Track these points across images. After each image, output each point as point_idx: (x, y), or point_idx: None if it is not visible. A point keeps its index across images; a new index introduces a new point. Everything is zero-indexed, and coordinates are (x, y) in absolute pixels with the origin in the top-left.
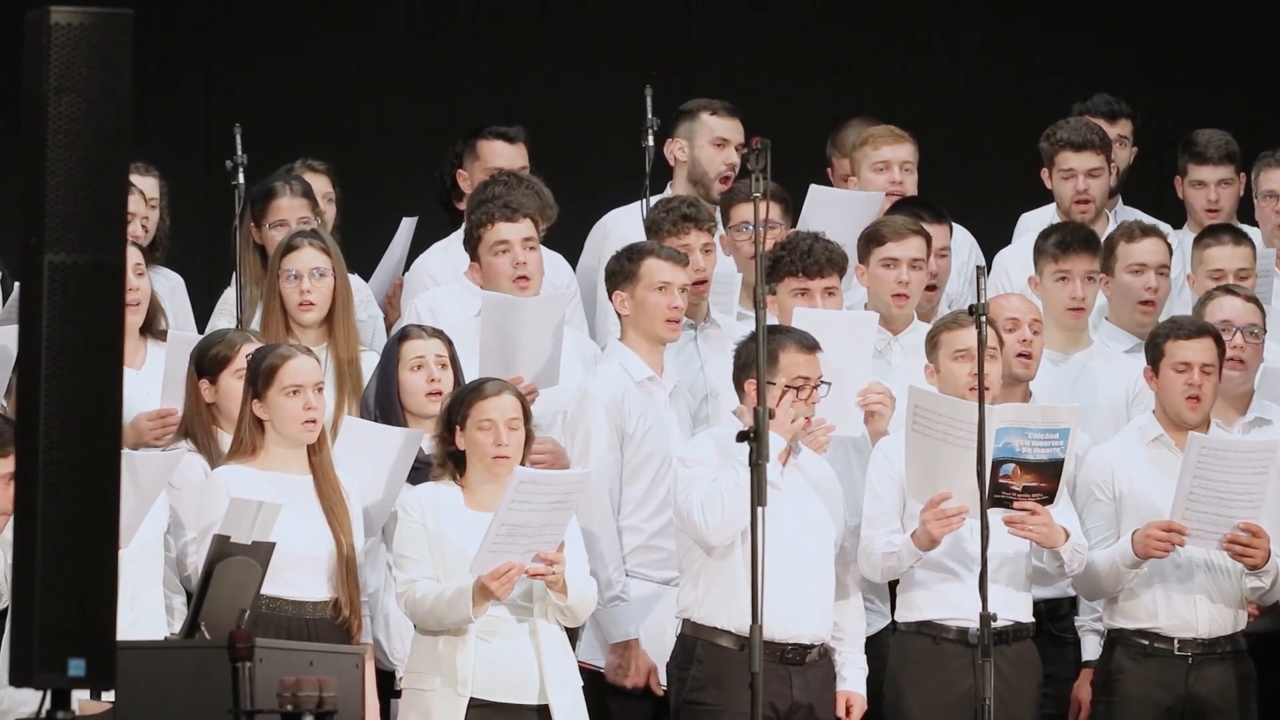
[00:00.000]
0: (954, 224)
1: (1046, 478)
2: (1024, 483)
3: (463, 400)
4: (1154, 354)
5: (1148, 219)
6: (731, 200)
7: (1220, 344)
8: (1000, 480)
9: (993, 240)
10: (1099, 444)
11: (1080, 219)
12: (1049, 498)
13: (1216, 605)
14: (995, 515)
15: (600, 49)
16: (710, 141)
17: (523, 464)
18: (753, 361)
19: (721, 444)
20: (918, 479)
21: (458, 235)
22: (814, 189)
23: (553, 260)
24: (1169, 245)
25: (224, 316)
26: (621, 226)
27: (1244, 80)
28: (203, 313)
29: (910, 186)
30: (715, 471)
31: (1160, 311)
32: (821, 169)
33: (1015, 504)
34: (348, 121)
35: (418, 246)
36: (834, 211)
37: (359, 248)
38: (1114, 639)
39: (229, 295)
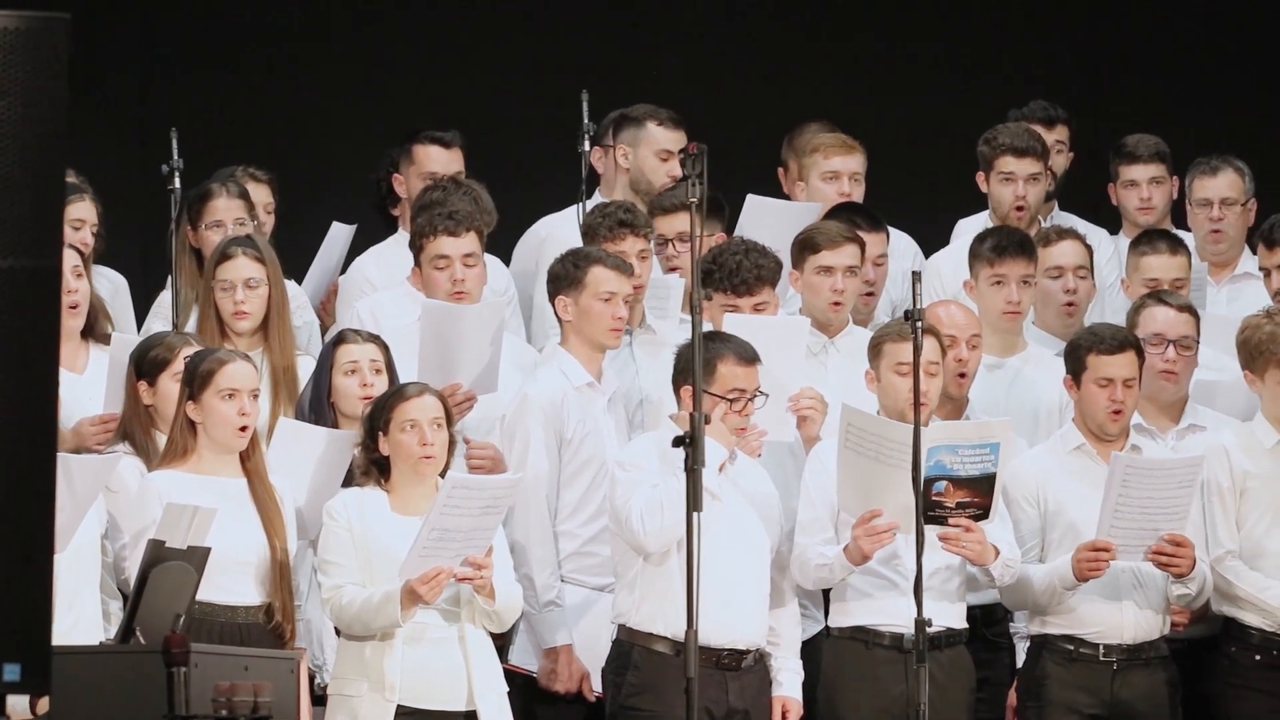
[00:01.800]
0: (896, 229)
1: (979, 493)
2: (957, 499)
3: (384, 405)
4: (1075, 365)
5: (1067, 223)
6: (658, 210)
7: (1141, 355)
8: (933, 498)
9: (932, 245)
10: (1030, 449)
11: (1017, 222)
12: (983, 512)
13: (1142, 611)
14: (930, 531)
15: (536, 53)
16: (655, 153)
17: (448, 466)
18: (689, 367)
19: (660, 449)
20: (850, 495)
21: (394, 239)
22: (751, 199)
23: (491, 265)
24: (1087, 247)
25: (159, 319)
26: (557, 232)
27: (1181, 88)
28: (140, 315)
29: (858, 198)
30: (654, 476)
31: (1083, 313)
32: (760, 175)
33: (950, 521)
34: (283, 126)
35: (355, 250)
36: (771, 222)
37: (294, 252)
38: (1040, 644)
39: (164, 298)
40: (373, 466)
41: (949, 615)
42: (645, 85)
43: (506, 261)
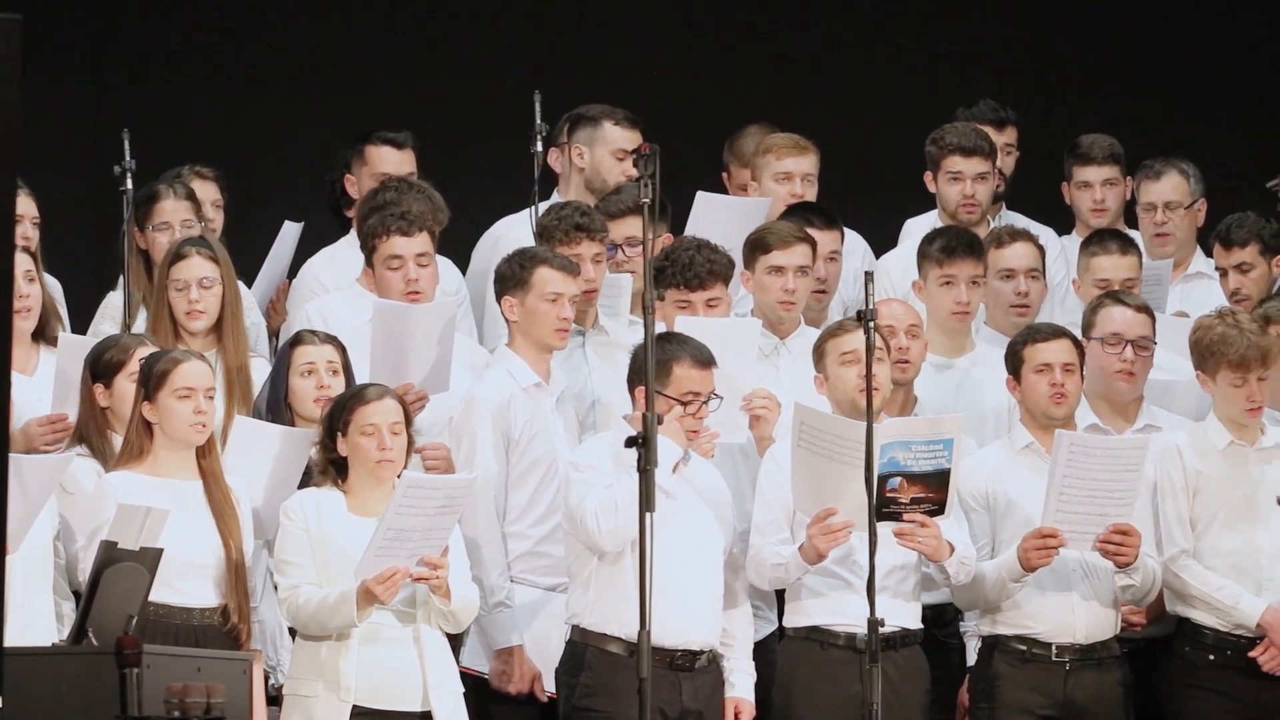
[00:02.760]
0: (848, 230)
1: (934, 488)
2: (912, 495)
3: (344, 406)
4: (1014, 362)
5: (1019, 224)
6: (609, 213)
7: (1078, 345)
8: (887, 494)
9: (882, 246)
10: (980, 450)
11: (966, 222)
12: (939, 507)
13: (1092, 606)
14: (885, 528)
15: (488, 54)
16: (611, 153)
17: (405, 468)
18: (643, 369)
19: (614, 449)
20: (804, 494)
21: (346, 241)
22: (701, 196)
23: (443, 266)
24: (1040, 249)
25: (106, 321)
26: (513, 233)
27: (1131, 90)
28: (77, 319)
29: (811, 198)
30: (608, 476)
31: (1034, 315)
32: (710, 175)
33: (904, 516)
34: (236, 127)
35: (306, 251)
36: (721, 218)
37: (246, 254)
38: (992, 645)
39: (112, 299)
40: (330, 467)
41: (904, 615)
42: (598, 86)
43: (459, 262)
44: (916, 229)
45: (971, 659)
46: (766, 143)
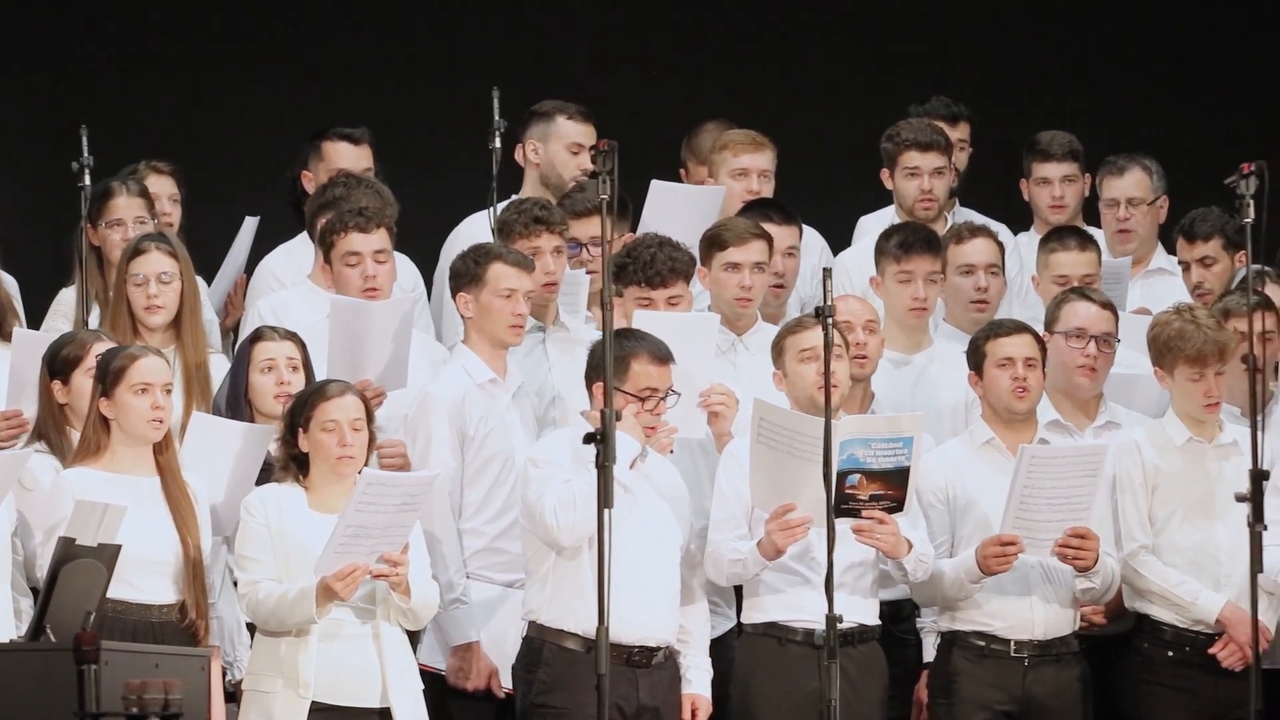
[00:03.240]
0: (806, 226)
1: (893, 486)
2: (870, 491)
3: (305, 402)
4: (976, 357)
5: (979, 219)
6: (568, 217)
7: (1040, 341)
8: (846, 491)
9: (840, 243)
10: (938, 446)
11: (923, 218)
12: (897, 505)
13: (1052, 607)
14: (844, 524)
15: (447, 50)
16: (565, 147)
17: (366, 465)
18: (601, 365)
19: (573, 445)
20: (763, 489)
21: (303, 236)
22: (655, 184)
23: (399, 262)
24: (999, 245)
25: (59, 317)
26: (475, 229)
27: (1089, 87)
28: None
29: (768, 194)
30: (566, 472)
31: (994, 311)
32: (668, 172)
33: (863, 513)
34: (195, 123)
35: (265, 247)
36: (676, 207)
37: (204, 249)
38: (951, 641)
39: (65, 295)
40: (291, 462)
41: (862, 611)
42: (557, 82)
43: (416, 258)
44: (870, 226)
45: (929, 655)
46: (723, 139)
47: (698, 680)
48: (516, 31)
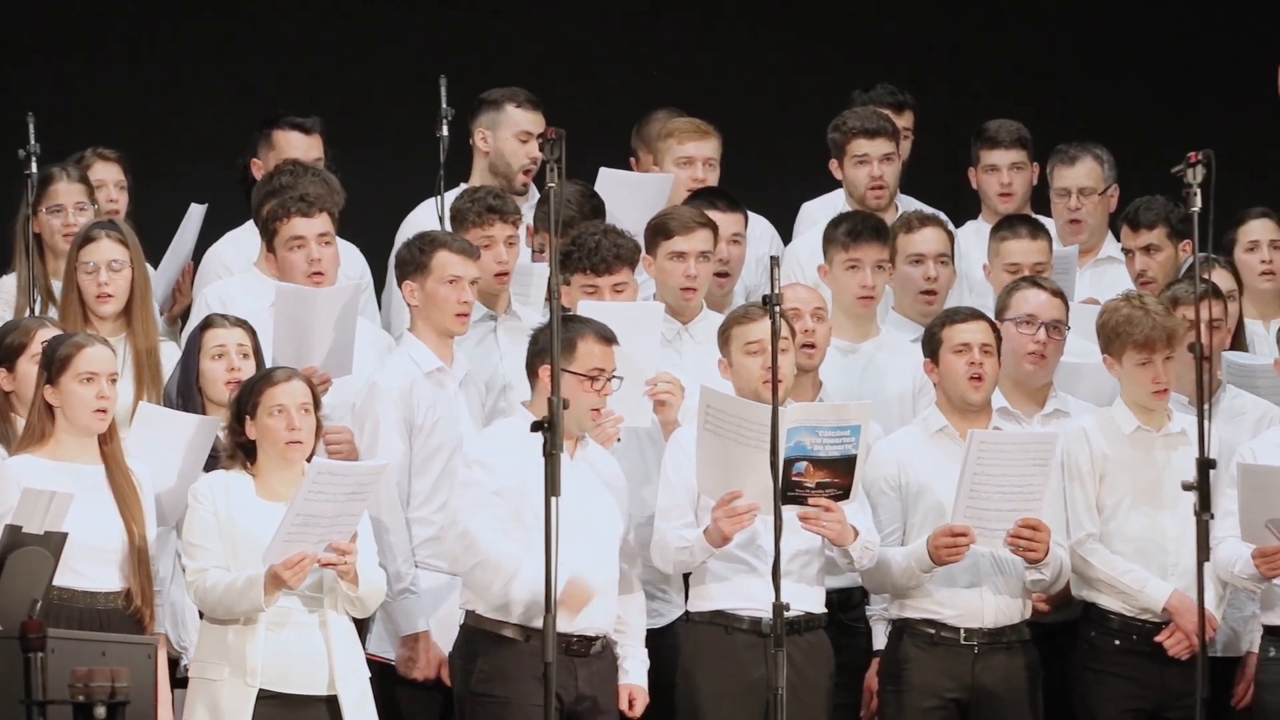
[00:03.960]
0: (754, 214)
1: (840, 474)
2: (817, 479)
3: (252, 389)
4: (932, 344)
5: (927, 209)
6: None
7: (996, 330)
8: (793, 478)
9: (788, 230)
10: (887, 434)
11: (875, 205)
12: (844, 493)
13: (1001, 596)
14: (790, 512)
15: (394, 38)
16: (514, 135)
17: (314, 451)
18: (547, 349)
19: (517, 436)
20: (710, 477)
21: (250, 224)
22: (604, 172)
23: (346, 250)
24: (949, 234)
25: (1, 304)
26: (426, 217)
27: (1038, 76)
28: None
29: (713, 182)
30: (496, 477)
31: (943, 300)
32: (618, 159)
33: (809, 500)
34: (142, 110)
35: (215, 235)
36: (625, 194)
37: (150, 236)
38: (901, 628)
39: (6, 283)
40: (239, 450)
41: (809, 599)
42: (505, 70)
43: (363, 246)
44: (813, 212)
45: (878, 643)
46: (668, 127)
47: (635, 671)
48: (465, 19)
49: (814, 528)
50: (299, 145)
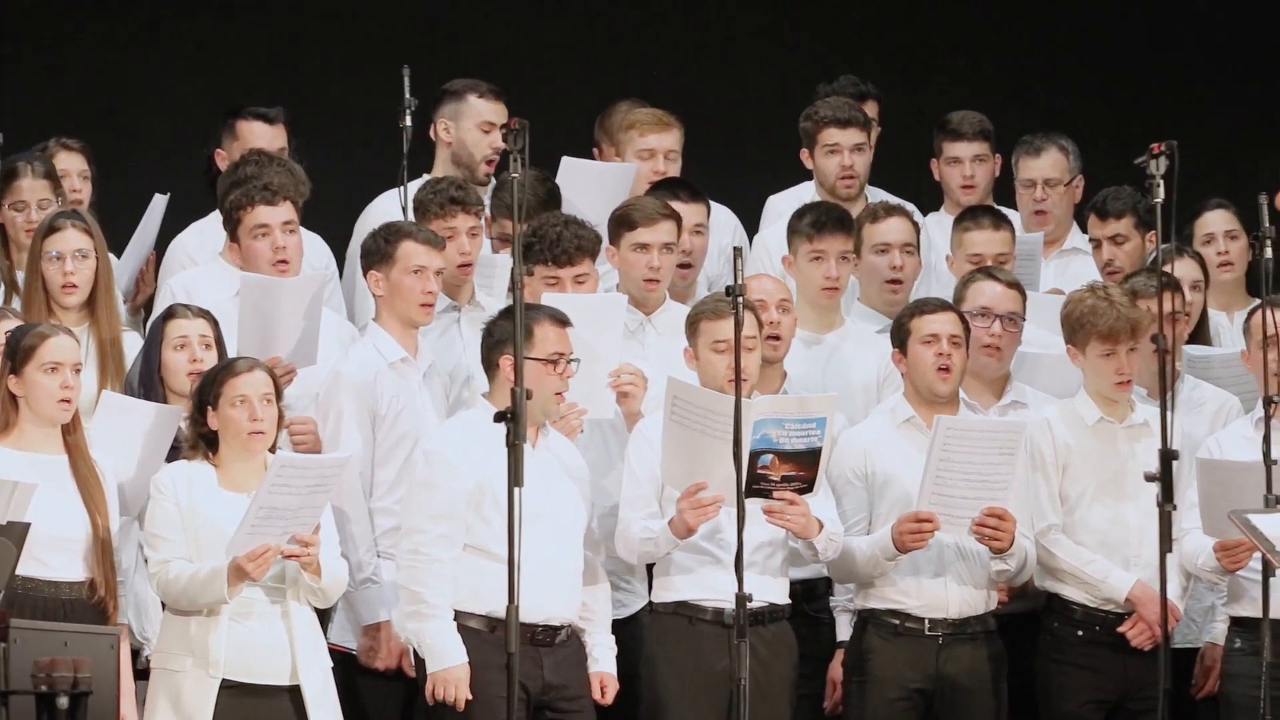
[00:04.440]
0: (718, 204)
1: (804, 466)
2: (782, 472)
3: (214, 379)
4: (900, 335)
5: (894, 199)
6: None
7: (965, 322)
8: (759, 471)
9: (752, 222)
10: (852, 425)
11: (845, 195)
12: (808, 486)
13: (966, 586)
14: (755, 504)
15: (357, 28)
16: (477, 125)
17: (276, 442)
18: (506, 339)
19: (477, 428)
20: (675, 468)
21: (216, 214)
22: (566, 161)
23: (311, 241)
24: (915, 224)
25: None
26: (386, 206)
27: (1001, 68)
28: None
29: (674, 174)
30: (455, 475)
31: (909, 290)
32: (581, 150)
33: (774, 494)
34: (106, 100)
35: (180, 226)
36: (587, 185)
37: (113, 226)
38: (865, 619)
39: None
40: (201, 441)
41: (772, 590)
42: (468, 60)
43: (329, 237)
44: (779, 205)
45: (842, 634)
46: (629, 119)
47: (604, 659)
48: (428, 10)
49: (778, 521)
50: (263, 135)
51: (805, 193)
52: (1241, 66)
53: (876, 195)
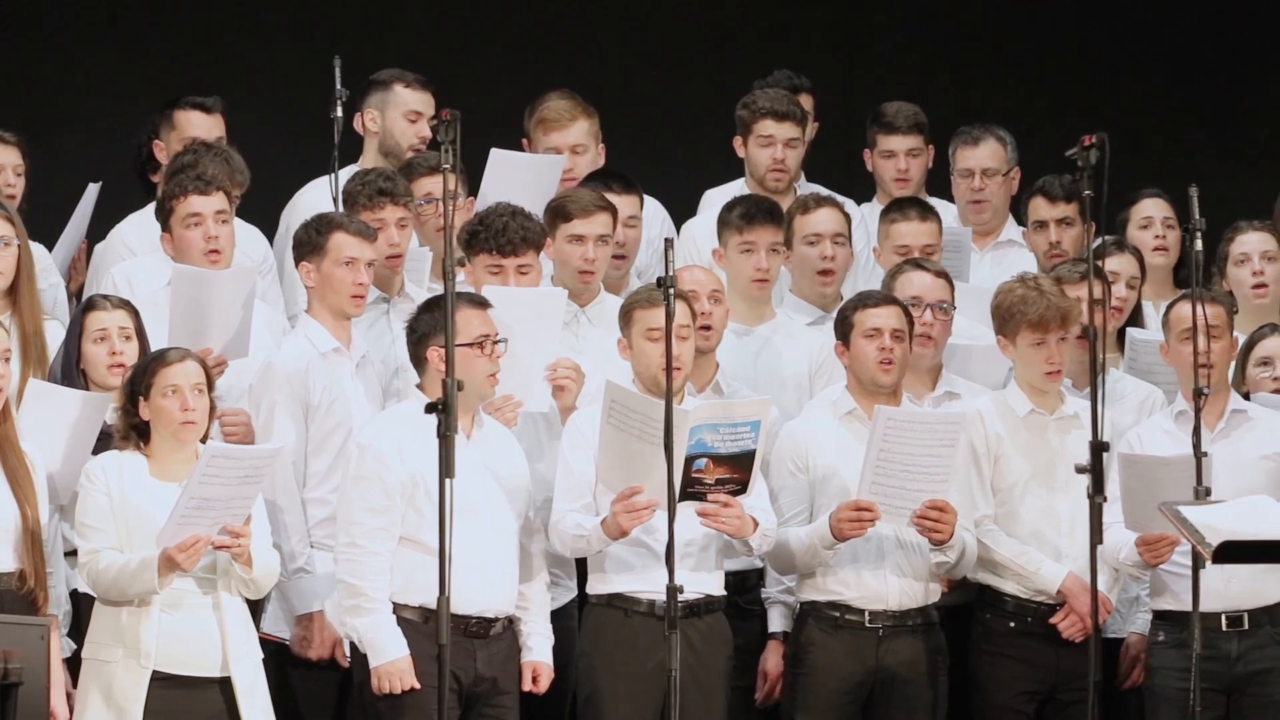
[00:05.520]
0: (647, 197)
1: (739, 469)
2: (717, 475)
3: (145, 369)
4: (843, 327)
5: (824, 191)
6: (410, 173)
7: (908, 315)
8: (693, 475)
9: (682, 215)
10: (785, 417)
11: (774, 187)
12: (742, 487)
13: (906, 578)
14: (690, 508)
15: (288, 19)
16: (403, 114)
17: (208, 432)
18: (429, 332)
19: (408, 420)
20: (611, 471)
21: (153, 206)
22: (495, 153)
23: (247, 232)
24: (845, 215)
25: None
26: (315, 195)
27: (934, 58)
28: None
29: (584, 168)
30: (388, 468)
31: (840, 281)
32: (511, 141)
33: (709, 496)
34: (39, 89)
35: (114, 217)
36: (516, 176)
37: (46, 216)
38: (806, 611)
39: None
40: (132, 431)
41: (706, 582)
42: (399, 51)
43: (264, 228)
44: (715, 200)
45: (774, 626)
46: (537, 115)
47: (539, 648)
48: (359, 1)
49: (713, 524)
50: (200, 125)
51: (740, 188)
52: (1175, 59)
53: (807, 189)
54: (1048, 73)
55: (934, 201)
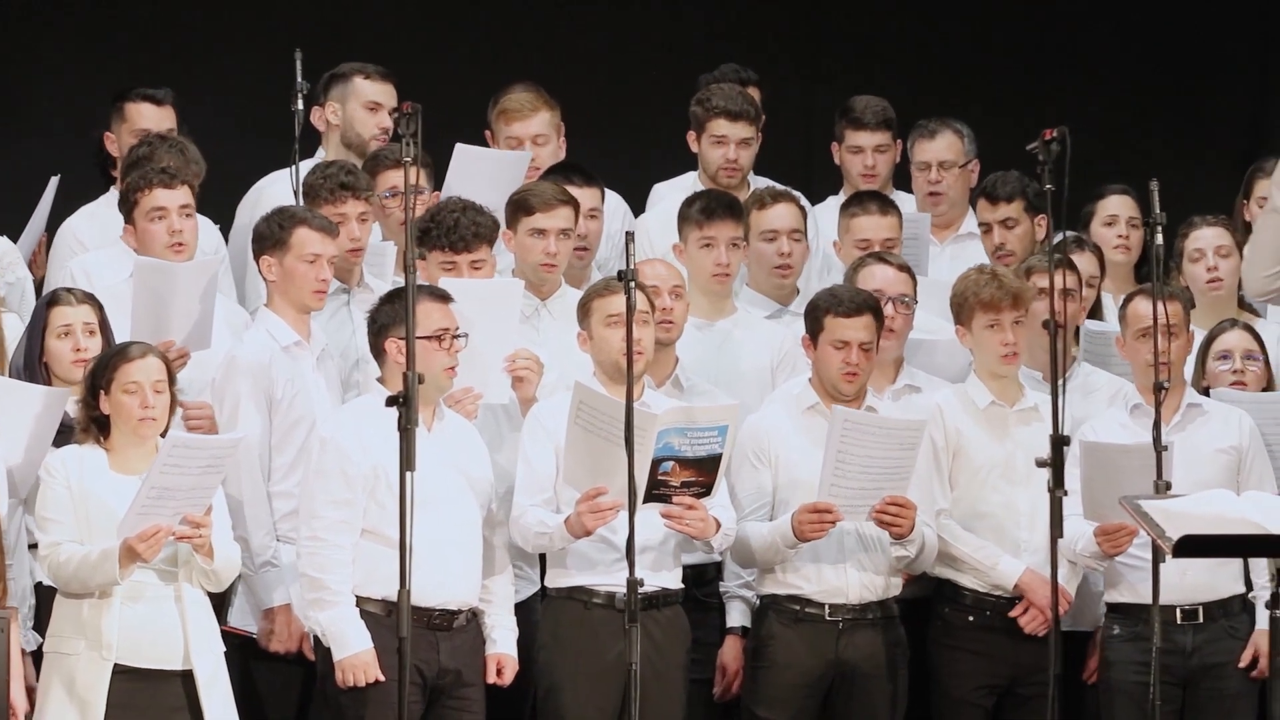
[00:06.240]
0: (608, 190)
1: (705, 472)
2: (682, 478)
3: (106, 364)
4: (813, 325)
5: (779, 186)
6: (376, 166)
7: (880, 318)
8: (659, 477)
9: (642, 207)
10: (746, 410)
11: (726, 184)
12: (706, 490)
13: (866, 572)
14: (654, 509)
15: (248, 12)
16: (363, 105)
17: (168, 427)
18: (389, 323)
19: (369, 413)
20: (577, 470)
21: (106, 199)
22: (459, 148)
23: (202, 225)
24: (802, 209)
25: None
26: (274, 188)
27: (899, 50)
28: None
29: (546, 159)
30: (349, 462)
31: (797, 276)
32: (474, 134)
33: (674, 499)
34: None
35: (73, 210)
36: (480, 171)
37: (5, 210)
38: (766, 605)
39: None
40: (92, 424)
41: (665, 578)
42: (360, 45)
43: (219, 221)
44: (665, 194)
45: (732, 620)
46: (499, 106)
47: (503, 640)
48: None
49: (677, 526)
50: (150, 117)
51: (690, 181)
52: (1134, 52)
53: (760, 184)
54: (1009, 67)
55: (896, 195)
